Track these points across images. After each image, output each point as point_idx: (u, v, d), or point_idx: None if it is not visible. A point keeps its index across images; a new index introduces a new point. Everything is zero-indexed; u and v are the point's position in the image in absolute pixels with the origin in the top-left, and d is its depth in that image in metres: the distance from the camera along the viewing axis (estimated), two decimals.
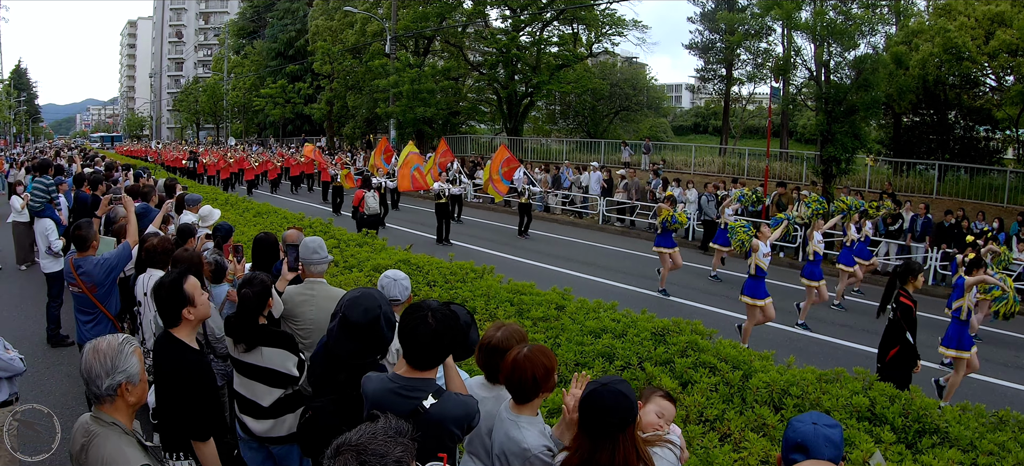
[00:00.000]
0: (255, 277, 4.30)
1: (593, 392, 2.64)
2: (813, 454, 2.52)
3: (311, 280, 4.85)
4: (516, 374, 3.00)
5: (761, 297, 10.22)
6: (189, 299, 3.78)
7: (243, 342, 4.18)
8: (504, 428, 3.04)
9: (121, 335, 2.87)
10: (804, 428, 2.58)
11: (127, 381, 2.75)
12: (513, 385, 3.04)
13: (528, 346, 3.10)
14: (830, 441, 2.54)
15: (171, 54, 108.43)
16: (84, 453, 2.69)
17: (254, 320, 4.19)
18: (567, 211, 25.84)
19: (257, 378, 4.20)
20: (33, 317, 10.12)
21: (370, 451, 1.85)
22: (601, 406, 2.61)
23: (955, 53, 23.19)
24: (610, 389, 2.63)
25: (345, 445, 1.87)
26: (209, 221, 8.52)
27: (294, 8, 59.17)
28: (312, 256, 4.83)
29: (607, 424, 2.61)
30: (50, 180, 12.07)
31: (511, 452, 2.96)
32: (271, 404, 4.22)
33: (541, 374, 3.01)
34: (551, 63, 37.07)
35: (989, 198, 21.87)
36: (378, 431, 1.93)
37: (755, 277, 10.33)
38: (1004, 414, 4.66)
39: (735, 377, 4.86)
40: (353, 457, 1.84)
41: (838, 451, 2.54)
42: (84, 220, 6.21)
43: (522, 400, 3.07)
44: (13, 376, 4.78)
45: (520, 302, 6.54)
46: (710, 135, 58.12)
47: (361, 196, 16.42)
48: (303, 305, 4.76)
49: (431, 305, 2.96)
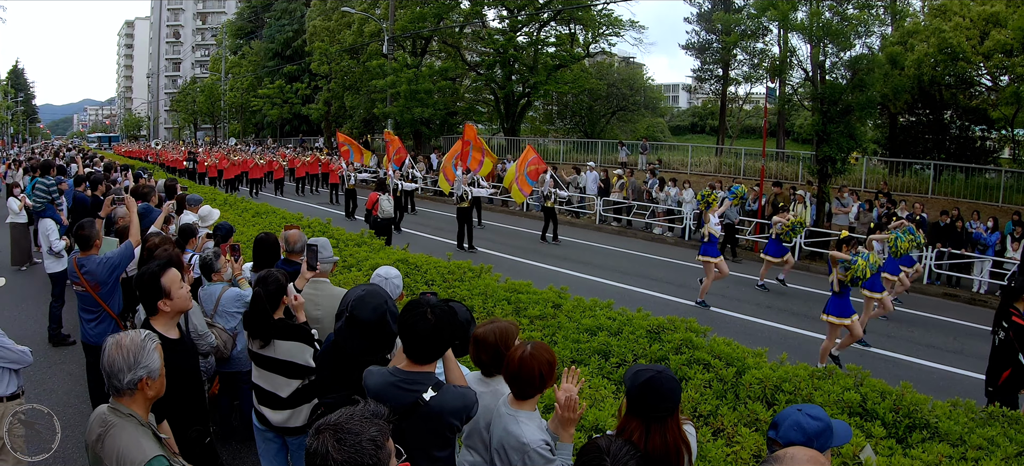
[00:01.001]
0: (270, 275, 4.41)
1: (651, 379, 2.76)
2: (780, 434, 2.64)
3: (316, 279, 4.91)
4: (524, 371, 3.08)
5: (847, 315, 9.41)
6: (165, 291, 3.95)
7: (258, 337, 4.29)
8: (503, 423, 3.11)
9: (143, 331, 2.95)
10: (787, 411, 2.72)
11: (148, 376, 2.84)
12: (518, 381, 3.12)
13: (531, 344, 3.18)
14: (799, 426, 2.63)
15: (168, 54, 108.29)
16: (100, 443, 2.76)
17: (268, 316, 4.28)
18: (563, 211, 25.89)
19: (275, 370, 4.31)
20: (34, 316, 10.17)
21: (346, 430, 1.99)
22: (659, 392, 2.74)
23: (950, 53, 23.26)
24: (666, 376, 2.78)
25: (324, 425, 2.02)
26: (209, 221, 8.61)
27: (292, 8, 59.17)
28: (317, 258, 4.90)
29: (664, 408, 2.76)
30: (51, 180, 12.12)
31: (510, 446, 3.02)
32: (289, 395, 4.32)
33: (547, 371, 3.12)
34: (548, 63, 37.15)
35: (984, 198, 21.96)
36: (355, 413, 2.06)
37: (839, 295, 9.53)
38: (993, 410, 4.74)
39: (729, 374, 4.93)
40: (330, 435, 1.98)
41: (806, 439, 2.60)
42: (87, 220, 6.26)
43: (523, 396, 3.15)
44: (20, 368, 4.85)
45: (517, 301, 6.61)
46: (707, 135, 58.19)
47: (375, 198, 15.62)
48: (307, 305, 4.81)
49: (430, 301, 3.05)
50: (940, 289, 16.66)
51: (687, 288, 14.24)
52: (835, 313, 9.46)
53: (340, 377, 3.59)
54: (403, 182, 21.99)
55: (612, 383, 4.88)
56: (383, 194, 15.83)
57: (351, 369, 3.47)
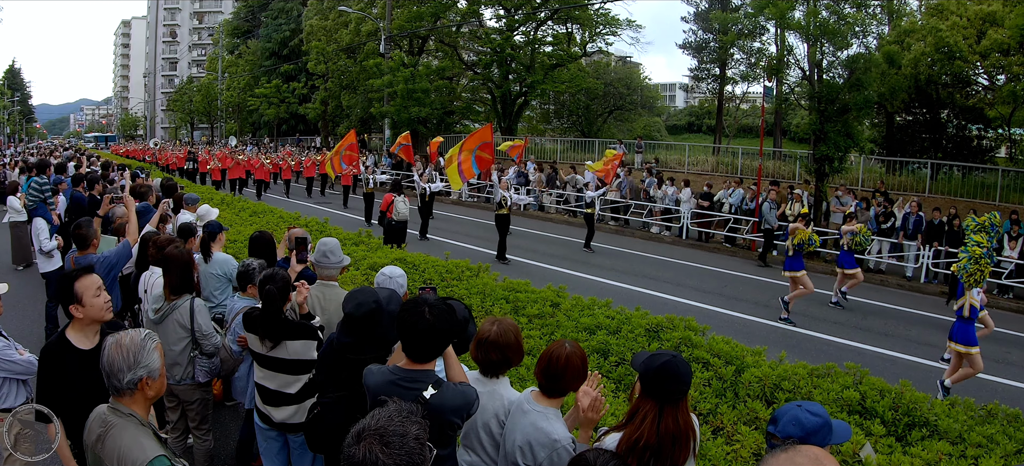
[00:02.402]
0: (277, 273, 4.36)
1: (667, 363, 2.82)
2: (779, 428, 2.74)
3: (323, 283, 4.83)
4: (569, 370, 3.15)
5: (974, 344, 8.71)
6: (77, 297, 3.88)
7: (270, 339, 4.23)
8: (530, 419, 3.13)
9: (143, 330, 2.92)
10: (787, 406, 2.82)
11: (148, 376, 2.81)
12: (558, 379, 3.17)
13: (569, 342, 3.24)
14: (797, 421, 2.73)
15: (165, 54, 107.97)
16: (100, 443, 2.74)
17: (280, 314, 4.24)
18: (561, 210, 25.88)
19: (283, 370, 4.28)
20: (31, 317, 10.12)
21: (391, 432, 1.97)
22: (675, 375, 2.81)
23: (947, 52, 23.33)
24: (680, 360, 2.86)
25: (366, 431, 1.97)
26: (206, 220, 8.58)
27: (288, 8, 59.01)
28: (325, 259, 4.80)
29: (678, 391, 2.83)
30: (45, 180, 12.08)
31: (539, 443, 3.05)
32: (298, 390, 4.30)
33: (584, 371, 3.23)
34: (545, 62, 37.17)
35: (981, 196, 21.97)
36: (393, 413, 2.04)
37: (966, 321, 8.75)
38: (993, 407, 4.74)
39: (728, 372, 4.94)
40: (376, 440, 1.95)
41: (804, 434, 2.69)
42: (84, 219, 6.26)
43: (556, 393, 3.22)
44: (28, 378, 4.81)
45: (516, 300, 6.61)
46: (704, 134, 58.15)
47: (390, 200, 14.81)
48: (315, 307, 4.78)
49: (428, 300, 3.04)
50: (937, 288, 16.68)
51: (685, 287, 14.25)
52: (961, 340, 8.75)
53: (337, 377, 3.58)
54: (430, 184, 19.95)
55: (611, 381, 4.88)
56: (398, 196, 15.01)
57: (348, 369, 3.46)
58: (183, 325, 4.94)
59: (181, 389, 5.10)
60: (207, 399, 5.26)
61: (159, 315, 4.96)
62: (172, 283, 4.97)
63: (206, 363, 5.03)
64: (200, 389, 5.16)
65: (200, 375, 5.06)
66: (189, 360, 5.01)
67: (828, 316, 12.83)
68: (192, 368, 5.02)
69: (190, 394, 5.14)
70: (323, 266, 4.79)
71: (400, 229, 14.56)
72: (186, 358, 4.99)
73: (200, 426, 5.26)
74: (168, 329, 4.92)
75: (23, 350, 4.83)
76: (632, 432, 2.82)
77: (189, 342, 4.97)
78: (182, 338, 4.96)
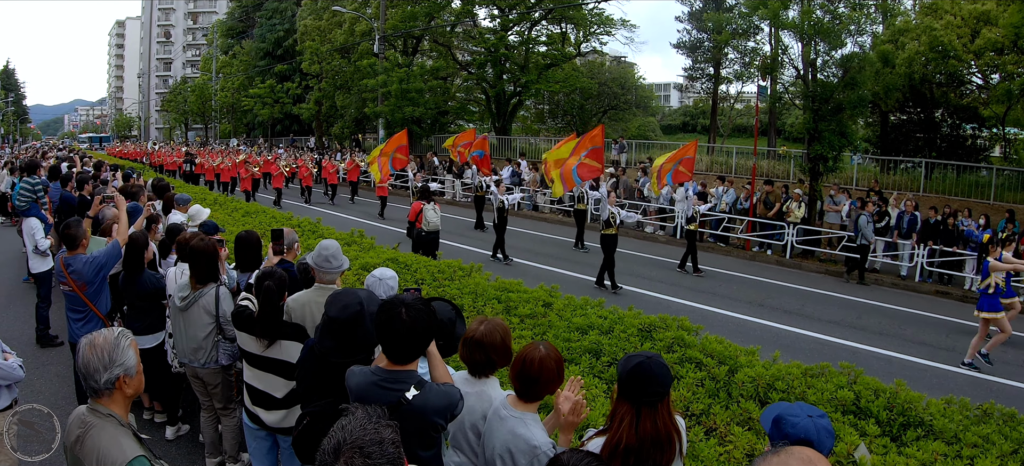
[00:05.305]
0: (274, 271, 4.38)
1: (640, 364, 2.77)
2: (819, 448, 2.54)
3: (321, 287, 4.68)
4: (544, 372, 3.09)
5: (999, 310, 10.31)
6: None
7: (267, 337, 4.25)
8: (508, 425, 3.07)
9: (116, 329, 2.88)
10: (802, 422, 2.63)
11: (124, 374, 2.77)
12: (533, 383, 3.10)
13: (544, 344, 3.18)
14: (830, 433, 2.63)
15: (159, 54, 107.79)
16: (79, 444, 2.71)
17: (278, 313, 4.25)
18: (555, 210, 25.84)
19: (273, 371, 4.29)
20: (22, 318, 10.07)
21: (367, 442, 1.94)
22: (649, 376, 2.75)
23: (941, 51, 23.40)
24: (656, 362, 2.79)
25: (343, 445, 1.93)
26: (198, 220, 8.51)
27: (282, 8, 58.89)
28: (326, 264, 4.60)
29: (654, 393, 2.76)
30: (37, 180, 11.99)
31: (518, 449, 2.99)
32: (284, 395, 4.31)
33: (560, 373, 3.17)
34: (539, 62, 37.16)
35: (976, 196, 22.03)
36: (363, 421, 2.00)
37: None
38: (988, 407, 4.70)
39: (721, 372, 4.89)
40: (357, 454, 1.91)
41: (834, 440, 2.65)
42: (73, 219, 6.21)
43: (531, 398, 3.14)
44: (12, 384, 4.76)
45: (507, 299, 6.55)
46: (698, 134, 58.17)
47: (418, 208, 13.47)
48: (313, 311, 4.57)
49: (405, 300, 2.98)
50: (932, 287, 16.70)
51: (680, 287, 14.22)
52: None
53: (321, 383, 3.53)
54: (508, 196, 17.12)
55: (603, 382, 4.83)
56: (428, 203, 13.57)
57: (331, 374, 3.40)
58: (209, 311, 5.15)
59: (205, 372, 5.32)
60: (230, 381, 5.42)
61: (185, 303, 5.16)
62: (198, 273, 5.16)
63: (229, 347, 5.18)
64: (223, 372, 5.37)
65: (223, 358, 5.24)
66: (213, 345, 5.21)
67: (823, 315, 12.82)
68: (215, 352, 5.23)
69: (214, 377, 5.35)
70: (324, 270, 4.60)
71: (431, 240, 13.35)
72: (210, 343, 5.20)
73: (226, 407, 5.48)
74: (194, 316, 5.17)
75: (9, 354, 4.78)
76: (612, 436, 2.79)
77: (214, 328, 5.17)
78: (207, 324, 5.16)
